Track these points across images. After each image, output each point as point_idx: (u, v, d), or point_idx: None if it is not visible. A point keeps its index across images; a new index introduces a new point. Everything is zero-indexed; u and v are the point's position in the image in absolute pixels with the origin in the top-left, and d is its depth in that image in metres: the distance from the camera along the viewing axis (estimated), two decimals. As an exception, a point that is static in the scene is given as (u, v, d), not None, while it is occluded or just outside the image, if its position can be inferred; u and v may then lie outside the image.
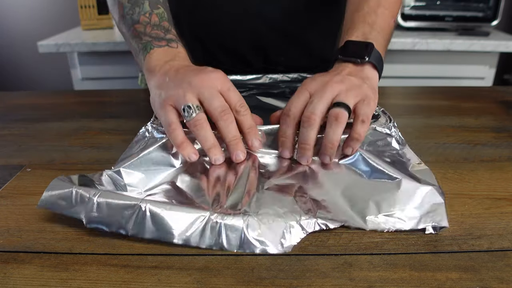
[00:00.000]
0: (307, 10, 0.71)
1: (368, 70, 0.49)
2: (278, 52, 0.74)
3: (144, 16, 0.52)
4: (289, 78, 0.69)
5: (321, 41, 0.76)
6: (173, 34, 0.52)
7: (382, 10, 0.54)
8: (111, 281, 0.33)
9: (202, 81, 0.44)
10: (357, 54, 0.49)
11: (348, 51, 0.49)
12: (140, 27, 0.52)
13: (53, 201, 0.38)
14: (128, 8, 0.53)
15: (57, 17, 1.84)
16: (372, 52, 0.49)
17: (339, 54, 0.50)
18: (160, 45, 0.50)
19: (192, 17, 0.72)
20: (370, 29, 0.52)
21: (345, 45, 0.50)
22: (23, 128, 0.64)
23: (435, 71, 1.50)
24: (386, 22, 0.54)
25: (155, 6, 0.53)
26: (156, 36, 0.50)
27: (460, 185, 0.46)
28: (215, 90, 0.44)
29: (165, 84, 0.45)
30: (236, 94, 0.46)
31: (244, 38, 0.72)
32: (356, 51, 0.49)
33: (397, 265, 0.34)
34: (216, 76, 0.45)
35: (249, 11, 0.69)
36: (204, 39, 0.74)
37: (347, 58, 0.49)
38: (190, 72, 0.45)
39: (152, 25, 0.51)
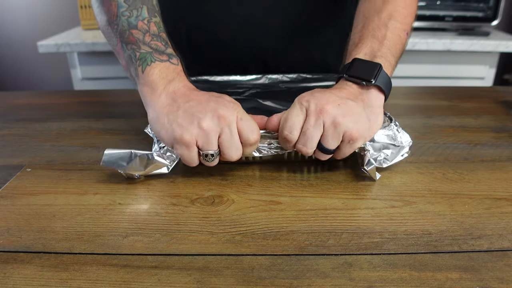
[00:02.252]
0: (310, 20, 0.71)
1: (372, 94, 0.47)
2: (279, 61, 0.73)
3: (142, 23, 0.50)
4: (288, 79, 0.69)
5: (322, 50, 0.75)
6: (172, 48, 0.51)
7: (394, 23, 0.52)
8: (111, 281, 0.33)
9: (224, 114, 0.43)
10: (363, 76, 0.46)
11: (355, 70, 0.47)
12: (138, 33, 0.49)
13: (113, 161, 0.45)
14: (124, 9, 0.50)
15: (57, 17, 1.84)
16: (379, 75, 0.46)
17: (345, 73, 0.48)
18: (162, 60, 0.48)
19: (192, 26, 0.72)
20: (380, 45, 0.50)
21: (352, 63, 0.48)
22: (23, 128, 0.64)
23: (435, 71, 1.50)
24: (398, 36, 0.52)
25: (153, 13, 0.51)
26: (156, 48, 0.49)
27: (460, 185, 0.47)
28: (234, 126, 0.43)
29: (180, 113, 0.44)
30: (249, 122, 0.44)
31: (245, 47, 0.71)
32: (362, 71, 0.47)
33: (397, 265, 0.34)
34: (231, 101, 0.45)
35: (250, 21, 0.69)
36: (204, 47, 0.73)
37: (352, 79, 0.47)
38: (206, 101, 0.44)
39: (151, 35, 0.49)
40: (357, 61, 0.48)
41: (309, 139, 0.44)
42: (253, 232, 0.39)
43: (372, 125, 0.45)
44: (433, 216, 0.41)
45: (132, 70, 0.49)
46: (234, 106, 0.44)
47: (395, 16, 0.53)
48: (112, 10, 0.51)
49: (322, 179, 0.48)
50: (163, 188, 0.46)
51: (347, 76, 0.47)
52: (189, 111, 0.43)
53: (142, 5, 0.50)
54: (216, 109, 0.43)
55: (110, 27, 0.51)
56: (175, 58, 0.49)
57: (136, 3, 0.50)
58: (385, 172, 0.49)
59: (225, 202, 0.44)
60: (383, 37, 0.50)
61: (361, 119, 0.44)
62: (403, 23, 0.53)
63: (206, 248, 0.37)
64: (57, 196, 0.45)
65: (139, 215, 0.42)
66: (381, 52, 0.49)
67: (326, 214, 0.41)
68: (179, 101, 0.45)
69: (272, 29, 0.70)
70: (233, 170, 0.50)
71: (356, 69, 0.47)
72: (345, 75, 0.48)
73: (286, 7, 0.68)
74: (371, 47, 0.50)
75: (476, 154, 0.54)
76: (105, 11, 0.51)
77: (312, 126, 0.44)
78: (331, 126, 0.43)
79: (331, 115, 0.43)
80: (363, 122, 0.44)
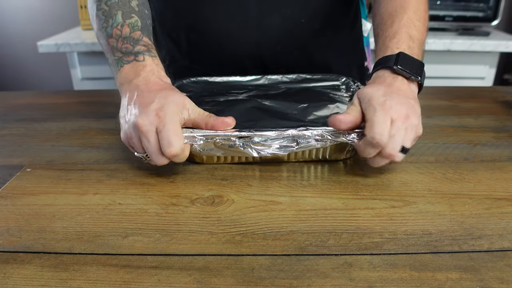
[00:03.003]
0: (309, 22, 0.71)
1: (415, 88, 0.50)
2: (278, 63, 0.73)
3: (116, 29, 0.52)
4: (288, 79, 0.69)
5: (322, 51, 0.75)
6: (143, 44, 0.52)
7: (418, 24, 0.55)
8: (111, 281, 0.33)
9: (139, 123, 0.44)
10: (413, 71, 0.49)
11: (404, 64, 0.49)
12: (113, 41, 0.52)
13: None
14: (103, 21, 0.53)
15: (57, 17, 1.84)
16: (423, 72, 0.50)
17: (394, 64, 0.49)
18: (128, 61, 0.51)
19: (191, 29, 0.72)
20: (413, 44, 0.52)
21: (399, 56, 0.49)
22: (23, 128, 0.64)
23: (435, 71, 1.50)
24: (423, 36, 0.55)
25: (128, 15, 0.53)
26: (125, 51, 0.51)
27: (460, 185, 0.47)
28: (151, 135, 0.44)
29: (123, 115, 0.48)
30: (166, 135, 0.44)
31: (244, 49, 0.71)
32: (411, 67, 0.49)
33: (397, 265, 0.34)
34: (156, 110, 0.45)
35: (249, 24, 0.69)
36: (203, 50, 0.73)
37: (401, 71, 0.49)
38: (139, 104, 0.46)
39: (123, 39, 0.52)
40: (403, 55, 0.50)
41: (398, 142, 0.45)
42: (253, 232, 0.39)
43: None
44: (433, 216, 0.41)
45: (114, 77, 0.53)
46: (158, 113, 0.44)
47: (419, 17, 0.55)
48: (97, 24, 0.54)
49: (322, 179, 0.48)
50: (163, 188, 0.46)
51: (397, 67, 0.49)
52: (124, 115, 0.47)
53: (117, 11, 0.53)
54: (137, 116, 0.45)
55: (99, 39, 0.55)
56: (142, 54, 0.51)
57: (112, 11, 0.53)
58: (385, 172, 0.49)
59: (225, 202, 0.44)
60: (413, 36, 0.53)
61: (420, 115, 0.47)
62: (424, 24, 0.56)
63: (206, 248, 0.37)
64: (57, 196, 0.45)
65: (139, 215, 0.42)
66: (415, 50, 0.52)
67: (326, 214, 0.41)
68: (127, 102, 0.48)
69: (271, 30, 0.70)
70: (233, 170, 0.50)
71: (405, 63, 0.49)
72: (395, 67, 0.49)
73: (285, 8, 0.68)
74: (408, 44, 0.52)
75: (476, 154, 0.54)
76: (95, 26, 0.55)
77: (399, 129, 0.44)
78: (411, 129, 0.45)
79: (412, 120, 0.45)
80: (421, 117, 0.47)
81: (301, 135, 0.47)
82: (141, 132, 0.44)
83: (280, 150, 0.47)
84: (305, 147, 0.47)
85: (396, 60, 0.49)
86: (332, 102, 0.59)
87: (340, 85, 0.67)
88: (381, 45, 0.54)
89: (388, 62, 0.50)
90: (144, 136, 0.44)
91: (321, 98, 0.61)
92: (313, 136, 0.47)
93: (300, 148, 0.47)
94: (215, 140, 0.46)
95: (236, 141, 0.47)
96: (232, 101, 0.61)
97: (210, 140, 0.46)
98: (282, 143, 0.47)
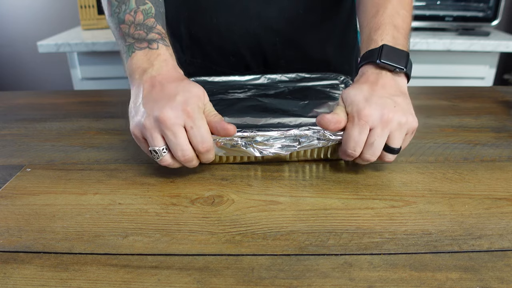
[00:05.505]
0: (307, 14, 0.71)
1: (402, 81, 0.49)
2: (278, 55, 0.73)
3: (129, 15, 0.50)
4: (287, 78, 0.69)
5: (321, 44, 0.76)
6: (157, 32, 0.50)
7: (404, 12, 0.53)
8: (111, 281, 0.33)
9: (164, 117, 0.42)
10: (397, 63, 0.48)
11: (387, 56, 0.48)
12: (125, 27, 0.50)
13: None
14: (115, 6, 0.51)
15: (57, 17, 1.84)
16: (408, 62, 0.49)
17: (377, 58, 0.48)
18: (141, 48, 0.49)
19: (191, 21, 0.72)
20: (398, 34, 0.51)
21: (382, 49, 0.48)
22: (23, 128, 0.64)
23: (435, 71, 1.50)
24: (408, 25, 0.53)
25: (142, 2, 0.51)
26: (138, 37, 0.49)
27: (460, 185, 0.47)
28: (179, 129, 0.43)
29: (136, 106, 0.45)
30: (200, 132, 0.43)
31: (243, 42, 0.72)
32: (394, 58, 0.48)
33: (397, 265, 0.34)
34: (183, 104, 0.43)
35: (248, 15, 0.69)
36: (203, 43, 0.74)
37: (385, 65, 0.48)
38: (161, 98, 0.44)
39: (135, 25, 0.50)
40: (386, 47, 0.49)
41: (377, 148, 0.45)
42: (253, 232, 0.39)
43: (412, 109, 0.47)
44: (433, 216, 0.41)
45: (124, 65, 0.51)
46: (185, 109, 0.43)
47: (404, 6, 0.54)
48: (108, 10, 0.52)
49: (322, 179, 0.48)
50: (163, 188, 0.46)
51: (380, 61, 0.48)
52: (141, 106, 0.45)
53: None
54: (161, 110, 0.43)
55: (110, 25, 0.53)
56: (155, 43, 0.49)
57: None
58: (385, 172, 0.49)
59: (225, 202, 0.44)
60: (398, 25, 0.52)
61: (410, 109, 0.46)
62: (409, 11, 0.55)
63: (206, 248, 0.37)
64: (57, 196, 0.45)
65: (139, 215, 0.42)
66: (400, 40, 0.51)
67: (326, 214, 0.41)
68: (142, 94, 0.46)
69: (270, 22, 0.70)
70: (233, 170, 0.50)
71: (388, 56, 0.48)
72: (378, 61, 0.48)
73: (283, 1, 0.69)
74: (392, 34, 0.51)
75: (476, 154, 0.54)
76: (106, 12, 0.53)
77: (379, 136, 0.44)
78: (397, 129, 0.45)
79: (396, 119, 0.44)
80: (412, 110, 0.46)
81: (303, 134, 0.47)
82: (166, 126, 0.42)
83: (282, 150, 0.47)
84: (306, 146, 0.48)
85: (380, 54, 0.48)
86: (332, 100, 0.59)
87: (339, 83, 0.67)
88: (365, 37, 0.53)
89: (372, 56, 0.49)
90: (170, 130, 0.42)
91: (320, 97, 0.61)
92: (315, 135, 0.47)
93: (302, 148, 0.48)
94: (217, 140, 0.46)
95: (239, 140, 0.47)
96: (232, 100, 0.61)
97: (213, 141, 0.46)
98: (284, 142, 0.47)
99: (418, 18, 1.53)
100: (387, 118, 0.44)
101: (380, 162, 0.51)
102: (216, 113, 0.47)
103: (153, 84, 0.46)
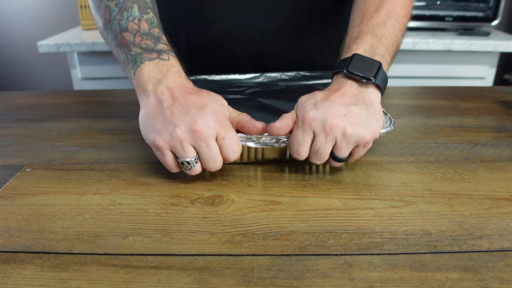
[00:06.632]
0: (309, 24, 0.71)
1: (371, 92, 0.47)
2: (278, 64, 0.73)
3: (133, 23, 0.49)
4: (287, 77, 0.69)
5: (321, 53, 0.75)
6: (164, 43, 0.50)
7: (392, 22, 0.52)
8: (111, 281, 0.33)
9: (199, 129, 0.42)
10: (364, 73, 0.46)
11: (355, 66, 0.47)
12: (129, 35, 0.48)
13: None
14: (115, 13, 0.49)
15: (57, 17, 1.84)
16: (379, 73, 0.47)
17: (344, 68, 0.47)
18: (151, 58, 0.47)
19: (191, 30, 0.72)
20: (378, 43, 0.50)
21: (352, 58, 0.47)
22: (23, 128, 0.64)
23: (435, 71, 1.50)
24: (395, 36, 0.52)
25: (145, 10, 0.50)
26: (146, 47, 0.48)
27: (460, 185, 0.47)
28: (212, 141, 0.43)
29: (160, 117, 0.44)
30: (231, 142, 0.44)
31: (244, 51, 0.71)
32: (363, 69, 0.46)
33: (397, 265, 0.34)
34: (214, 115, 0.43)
35: (250, 27, 0.69)
36: (203, 52, 0.73)
37: (351, 75, 0.46)
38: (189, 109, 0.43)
39: (141, 34, 0.49)
40: (356, 57, 0.48)
41: (322, 155, 0.45)
42: (253, 232, 0.39)
43: (378, 121, 0.46)
44: (433, 216, 0.41)
45: (127, 72, 0.49)
46: (217, 119, 0.43)
47: (394, 15, 0.53)
48: (105, 15, 0.51)
49: (322, 179, 0.48)
50: (163, 188, 0.46)
51: (347, 72, 0.47)
52: (168, 117, 0.43)
53: (133, 4, 0.49)
54: (195, 121, 0.42)
55: (106, 32, 0.51)
56: (166, 53, 0.49)
57: (127, 4, 0.49)
58: (385, 172, 0.49)
59: (225, 202, 0.44)
60: (381, 35, 0.50)
61: (369, 121, 0.44)
62: (400, 23, 0.53)
63: (206, 248, 0.37)
64: (57, 196, 0.45)
65: (139, 215, 0.42)
66: (379, 50, 0.49)
67: (326, 214, 0.41)
68: (164, 104, 0.44)
69: (271, 33, 0.70)
70: (233, 170, 0.50)
71: (356, 66, 0.47)
72: (345, 71, 0.47)
73: (285, 11, 0.68)
74: (371, 44, 0.49)
75: (476, 154, 0.54)
76: (100, 17, 0.51)
77: (323, 143, 0.44)
78: (343, 139, 0.44)
79: (341, 128, 0.43)
80: (371, 123, 0.45)
81: None
82: (201, 138, 0.42)
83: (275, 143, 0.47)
84: None
85: (349, 63, 0.47)
86: None
87: None
88: (344, 46, 0.52)
89: (341, 65, 0.48)
90: (204, 142, 0.42)
91: None
92: None
93: None
94: None
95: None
96: (232, 100, 0.61)
97: None
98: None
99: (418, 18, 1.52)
100: (330, 126, 0.43)
101: (382, 162, 0.51)
102: (241, 113, 0.47)
103: (173, 95, 0.45)
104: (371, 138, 0.44)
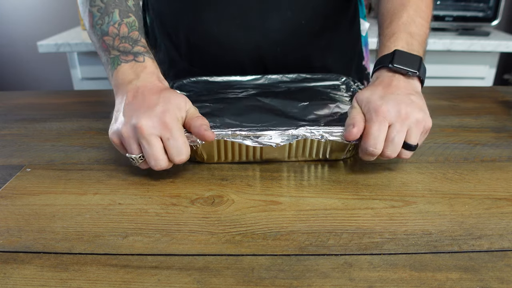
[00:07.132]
0: (309, 24, 0.71)
1: (415, 83, 0.50)
2: (279, 65, 0.73)
3: (113, 27, 0.51)
4: (288, 79, 0.69)
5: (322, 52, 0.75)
6: (141, 45, 0.51)
7: (420, 20, 0.55)
8: (111, 281, 0.33)
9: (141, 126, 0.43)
10: (409, 67, 0.49)
11: (399, 61, 0.49)
12: (109, 39, 0.51)
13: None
14: (97, 18, 0.51)
15: (57, 17, 1.84)
16: (421, 66, 0.50)
17: (389, 63, 0.49)
18: (127, 60, 0.50)
19: (191, 30, 0.72)
20: (412, 40, 0.52)
21: (394, 54, 0.50)
22: (23, 128, 0.64)
23: (435, 71, 1.50)
24: (424, 33, 0.55)
25: (126, 14, 0.52)
26: (123, 50, 0.50)
27: (460, 185, 0.47)
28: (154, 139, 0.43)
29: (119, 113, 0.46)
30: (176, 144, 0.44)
31: (244, 51, 0.71)
32: (407, 63, 0.49)
33: (397, 265, 0.34)
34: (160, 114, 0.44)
35: (250, 27, 0.69)
36: (203, 52, 0.73)
37: (398, 69, 0.49)
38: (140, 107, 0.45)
39: (120, 37, 0.51)
40: (398, 53, 0.50)
41: (398, 144, 0.45)
42: (253, 232, 0.39)
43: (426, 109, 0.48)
44: (433, 216, 0.41)
45: (107, 74, 0.52)
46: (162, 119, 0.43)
47: (421, 14, 0.56)
48: (89, 20, 0.53)
49: (322, 179, 0.48)
50: (163, 188, 0.46)
51: (392, 66, 0.49)
52: (123, 113, 0.46)
53: (114, 9, 0.51)
54: (139, 118, 0.43)
55: (91, 36, 0.54)
56: (141, 56, 0.50)
57: (108, 9, 0.51)
58: (385, 172, 0.49)
59: (225, 202, 0.44)
60: (413, 32, 0.53)
61: (425, 108, 0.47)
62: (426, 20, 0.56)
63: (206, 248, 0.37)
64: (57, 196, 0.45)
65: (139, 215, 0.42)
66: (415, 46, 0.52)
67: (326, 214, 0.41)
68: (125, 102, 0.47)
69: (271, 33, 0.70)
70: (233, 170, 0.50)
71: (400, 60, 0.49)
72: (390, 65, 0.49)
73: (286, 11, 0.68)
74: (406, 41, 0.52)
75: (476, 154, 0.54)
76: (86, 22, 0.54)
77: (398, 131, 0.45)
78: (416, 125, 0.45)
79: (414, 116, 0.45)
80: (427, 109, 0.47)
81: (301, 134, 0.47)
82: (142, 135, 0.43)
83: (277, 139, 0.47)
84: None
85: (392, 58, 0.49)
86: (332, 102, 0.59)
87: (340, 84, 0.67)
88: (380, 44, 0.55)
89: (384, 61, 0.50)
90: (145, 139, 0.43)
91: (321, 98, 0.61)
92: (314, 136, 0.47)
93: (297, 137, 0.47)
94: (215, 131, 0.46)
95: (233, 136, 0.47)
96: (232, 99, 0.61)
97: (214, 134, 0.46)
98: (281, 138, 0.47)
99: (418, 18, 1.52)
100: (405, 113, 0.45)
101: (382, 162, 0.51)
102: (199, 116, 0.47)
103: (135, 94, 0.47)
104: (431, 123, 0.47)
